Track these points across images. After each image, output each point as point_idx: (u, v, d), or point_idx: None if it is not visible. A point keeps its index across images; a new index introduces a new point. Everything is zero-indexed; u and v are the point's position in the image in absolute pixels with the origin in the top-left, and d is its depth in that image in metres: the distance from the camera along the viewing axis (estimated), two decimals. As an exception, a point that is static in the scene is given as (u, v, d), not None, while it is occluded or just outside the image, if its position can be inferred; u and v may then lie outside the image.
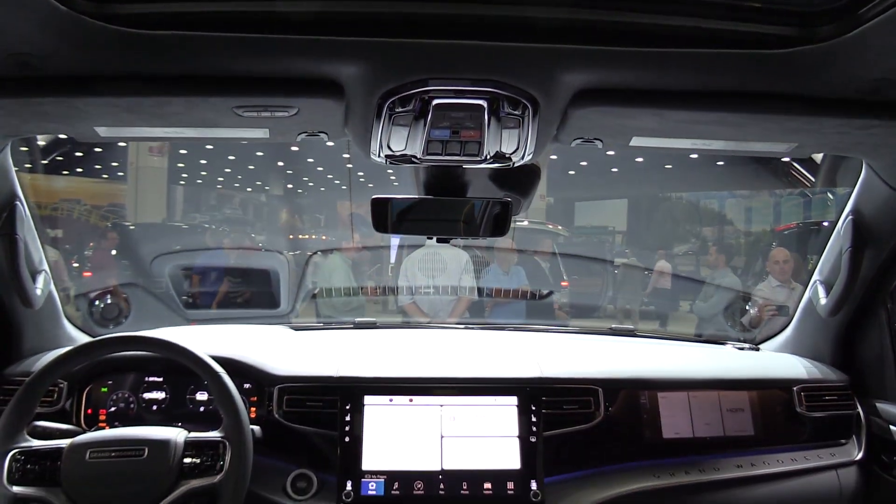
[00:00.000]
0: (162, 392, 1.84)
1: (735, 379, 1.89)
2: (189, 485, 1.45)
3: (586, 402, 1.76)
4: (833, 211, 1.99)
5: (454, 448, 1.65)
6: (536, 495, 1.62)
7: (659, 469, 1.77)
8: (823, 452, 1.87)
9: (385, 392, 1.70)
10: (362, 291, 4.20)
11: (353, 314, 2.48)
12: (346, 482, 1.61)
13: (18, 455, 1.47)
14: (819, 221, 8.90)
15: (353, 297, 4.12)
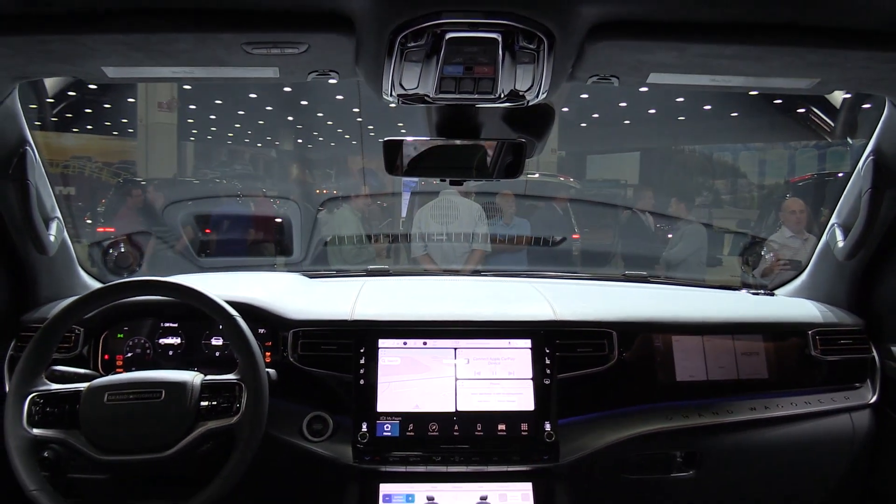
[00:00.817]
0: (177, 338, 1.85)
1: (749, 323, 1.88)
2: (206, 426, 1.47)
3: (600, 344, 1.76)
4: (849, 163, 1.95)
5: (468, 390, 1.66)
6: (550, 436, 1.63)
7: (672, 411, 1.77)
8: (837, 396, 1.87)
9: (399, 335, 1.70)
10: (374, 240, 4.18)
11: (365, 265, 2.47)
12: (362, 424, 1.63)
13: (37, 398, 1.48)
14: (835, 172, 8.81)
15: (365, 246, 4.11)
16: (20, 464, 1.43)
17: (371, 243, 4.16)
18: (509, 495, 1.64)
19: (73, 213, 2.05)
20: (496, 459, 1.62)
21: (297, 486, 1.82)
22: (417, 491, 1.63)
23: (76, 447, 1.45)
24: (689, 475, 1.81)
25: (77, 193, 9.72)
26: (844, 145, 6.86)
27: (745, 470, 1.84)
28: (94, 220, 7.73)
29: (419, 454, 1.61)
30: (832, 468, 1.88)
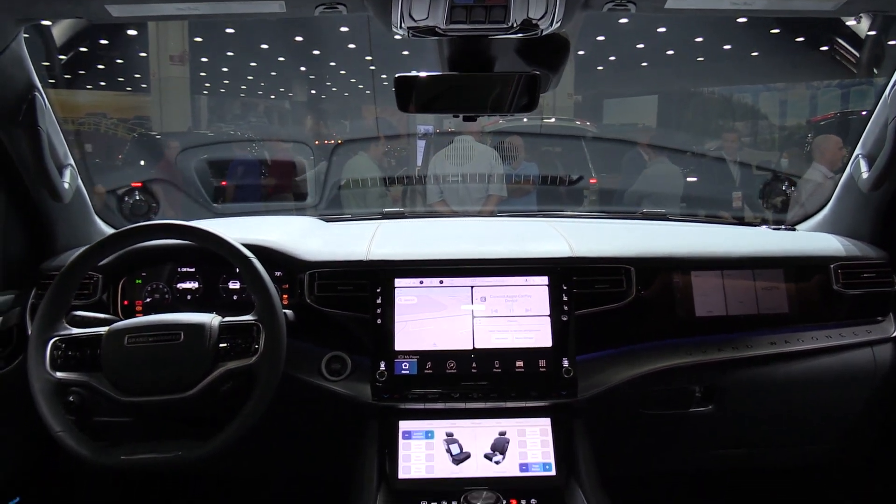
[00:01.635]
0: (195, 282, 1.86)
1: (770, 257, 1.86)
2: (225, 366, 1.48)
3: (618, 281, 1.74)
4: (873, 101, 1.90)
5: (485, 328, 1.66)
6: (568, 372, 1.63)
7: (691, 347, 1.76)
8: (859, 329, 1.85)
9: (415, 274, 1.70)
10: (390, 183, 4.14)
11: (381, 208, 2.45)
12: (380, 363, 1.63)
13: (59, 342, 1.50)
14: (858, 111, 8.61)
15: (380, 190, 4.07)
16: (45, 406, 1.46)
17: (386, 186, 4.12)
18: (528, 431, 1.65)
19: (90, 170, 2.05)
20: (514, 396, 1.63)
21: (318, 425, 1.84)
22: (436, 427, 1.65)
23: (99, 389, 1.47)
24: (707, 410, 1.81)
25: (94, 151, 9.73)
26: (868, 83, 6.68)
27: (764, 404, 1.84)
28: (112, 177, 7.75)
29: (437, 391, 1.62)
30: (853, 402, 1.87)
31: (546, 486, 1.59)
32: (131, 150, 7.91)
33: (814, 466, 2.11)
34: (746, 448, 1.95)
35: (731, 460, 1.98)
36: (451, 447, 1.62)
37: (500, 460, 1.61)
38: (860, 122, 1.97)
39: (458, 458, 1.61)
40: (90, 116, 11.23)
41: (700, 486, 2.21)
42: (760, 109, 15.39)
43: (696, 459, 1.96)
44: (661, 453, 1.94)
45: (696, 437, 1.89)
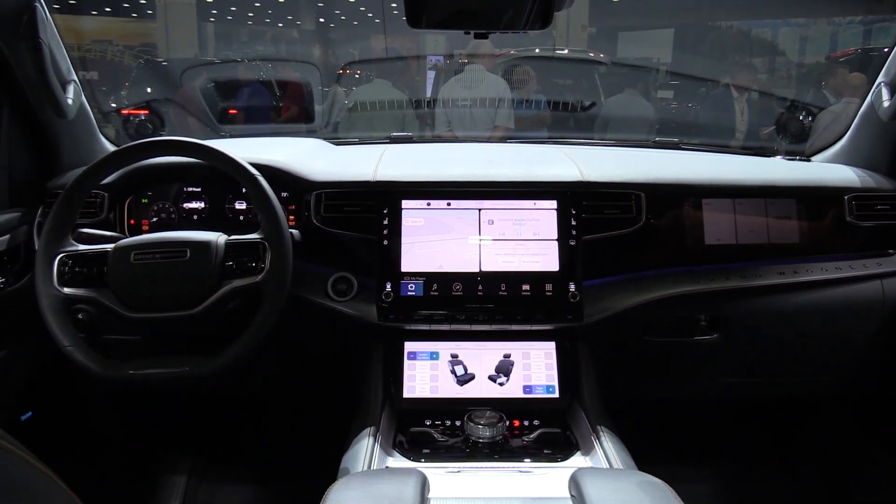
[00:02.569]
0: (201, 202, 1.85)
1: (783, 186, 1.82)
2: (232, 284, 1.48)
3: (627, 206, 1.72)
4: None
5: (492, 251, 1.65)
6: (574, 296, 1.62)
7: (699, 275, 1.75)
8: (869, 262, 1.83)
9: (422, 196, 1.68)
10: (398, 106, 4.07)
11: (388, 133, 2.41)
12: (386, 283, 1.63)
13: (66, 259, 1.50)
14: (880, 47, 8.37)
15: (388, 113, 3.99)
16: (54, 322, 1.47)
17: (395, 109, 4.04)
18: (532, 354, 1.65)
19: (98, 97, 2.02)
20: (520, 319, 1.63)
21: (323, 346, 1.86)
22: (442, 349, 1.66)
23: (107, 305, 1.48)
24: (712, 338, 1.81)
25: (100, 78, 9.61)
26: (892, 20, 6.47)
27: (769, 334, 1.84)
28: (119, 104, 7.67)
29: (443, 313, 1.62)
30: (859, 334, 1.86)
31: (549, 408, 1.61)
32: (138, 77, 7.80)
33: (817, 397, 2.12)
34: (750, 377, 1.96)
35: (735, 389, 1.99)
36: (456, 368, 1.63)
37: (504, 382, 1.62)
38: (881, 60, 1.92)
39: (463, 380, 1.62)
40: (96, 43, 11.05)
41: (703, 414, 2.23)
42: (779, 45, 15.01)
43: (700, 387, 1.98)
44: (664, 380, 1.95)
45: (700, 366, 1.90)
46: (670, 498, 1.10)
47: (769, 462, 2.28)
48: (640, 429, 1.63)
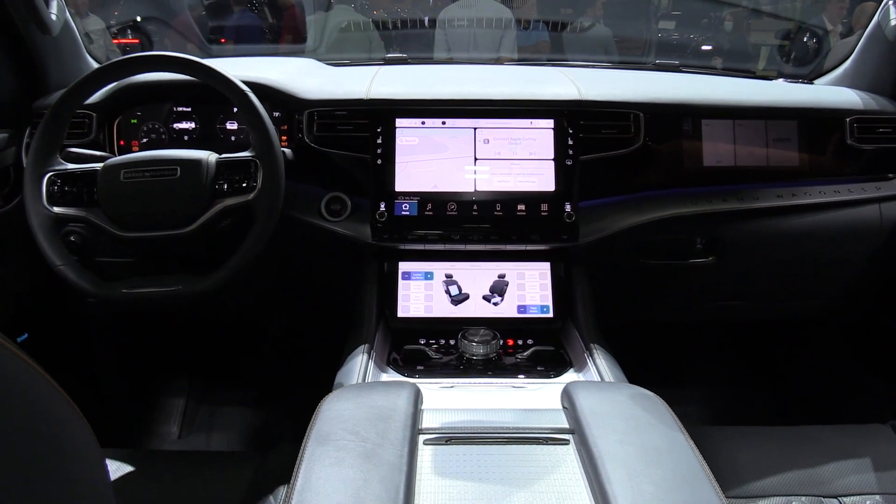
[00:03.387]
0: (192, 122, 1.82)
1: (785, 108, 1.79)
2: (223, 203, 1.46)
3: (626, 126, 1.69)
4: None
5: (488, 171, 1.62)
6: (570, 216, 1.61)
7: (696, 197, 1.73)
8: (868, 186, 1.81)
9: (417, 114, 1.65)
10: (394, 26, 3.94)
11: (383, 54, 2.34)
12: (380, 203, 1.61)
13: (54, 178, 1.48)
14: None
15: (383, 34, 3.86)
16: (45, 241, 1.45)
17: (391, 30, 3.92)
18: (527, 274, 1.65)
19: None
20: (515, 239, 1.62)
21: (317, 266, 1.85)
22: (436, 269, 1.65)
23: (97, 225, 1.46)
24: (708, 261, 1.81)
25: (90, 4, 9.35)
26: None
27: (765, 257, 1.83)
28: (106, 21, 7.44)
29: (438, 233, 1.61)
30: (855, 258, 1.86)
31: (543, 328, 1.61)
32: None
33: (812, 321, 2.14)
34: (745, 301, 1.96)
35: (729, 312, 2.00)
36: (450, 288, 1.63)
37: (499, 302, 1.62)
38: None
39: (457, 299, 1.62)
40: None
41: (695, 336, 2.25)
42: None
43: (694, 310, 1.99)
44: (659, 303, 1.96)
45: (696, 289, 1.90)
46: (662, 409, 1.11)
47: (758, 383, 2.31)
48: (632, 350, 1.64)
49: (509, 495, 0.94)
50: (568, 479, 0.98)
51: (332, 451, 0.96)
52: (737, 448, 1.42)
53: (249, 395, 2.33)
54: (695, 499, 0.88)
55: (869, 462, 1.39)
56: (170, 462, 1.54)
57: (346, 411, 1.07)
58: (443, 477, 0.98)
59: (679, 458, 0.97)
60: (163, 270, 1.56)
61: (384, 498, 0.86)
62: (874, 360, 2.11)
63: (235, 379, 2.41)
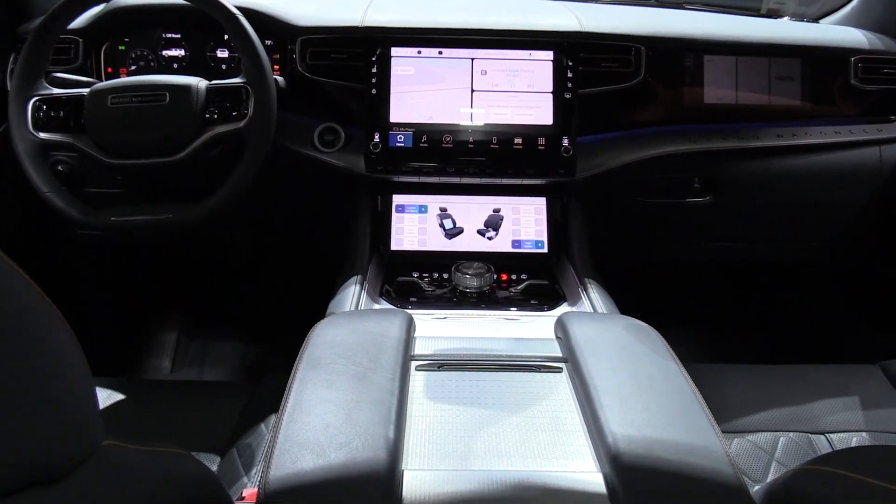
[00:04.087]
0: (181, 49, 1.77)
1: (788, 45, 1.75)
2: (214, 130, 1.44)
3: (626, 60, 1.65)
4: None
5: (485, 102, 1.59)
6: (568, 151, 1.58)
7: (695, 134, 1.71)
8: (870, 127, 1.79)
9: (413, 43, 1.60)
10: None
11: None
12: (374, 134, 1.58)
13: (39, 102, 1.45)
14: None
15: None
16: (31, 168, 1.43)
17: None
18: (522, 209, 1.63)
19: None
20: (511, 172, 1.59)
21: (310, 198, 1.83)
22: (430, 202, 1.63)
23: (85, 151, 1.44)
24: (705, 200, 1.79)
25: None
26: None
27: (763, 197, 1.82)
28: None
29: (433, 165, 1.58)
30: (853, 199, 1.85)
31: (537, 263, 1.60)
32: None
33: (808, 263, 2.13)
34: (741, 242, 1.95)
35: (723, 254, 1.99)
36: (445, 222, 1.61)
37: (493, 236, 1.61)
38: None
39: (451, 233, 1.61)
40: None
41: (691, 278, 2.26)
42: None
43: (690, 251, 1.98)
44: (655, 243, 1.95)
45: (692, 229, 1.89)
46: (655, 339, 1.11)
47: (751, 325, 2.33)
48: (626, 289, 1.63)
49: (501, 420, 0.94)
50: (560, 406, 0.98)
51: (324, 374, 0.95)
52: (727, 385, 1.43)
53: (242, 330, 2.33)
54: (687, 425, 0.88)
55: (857, 401, 1.40)
56: (162, 391, 1.55)
57: (338, 337, 1.06)
58: (435, 401, 0.98)
59: (672, 386, 0.97)
60: (153, 200, 1.54)
61: (376, 420, 0.86)
62: (866, 305, 2.12)
63: (228, 313, 2.40)
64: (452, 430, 0.92)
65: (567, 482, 0.82)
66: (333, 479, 0.77)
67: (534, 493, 0.80)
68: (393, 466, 0.79)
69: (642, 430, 0.86)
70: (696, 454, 0.83)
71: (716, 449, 0.84)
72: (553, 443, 0.90)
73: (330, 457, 0.79)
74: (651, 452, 0.82)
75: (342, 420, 0.85)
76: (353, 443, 0.81)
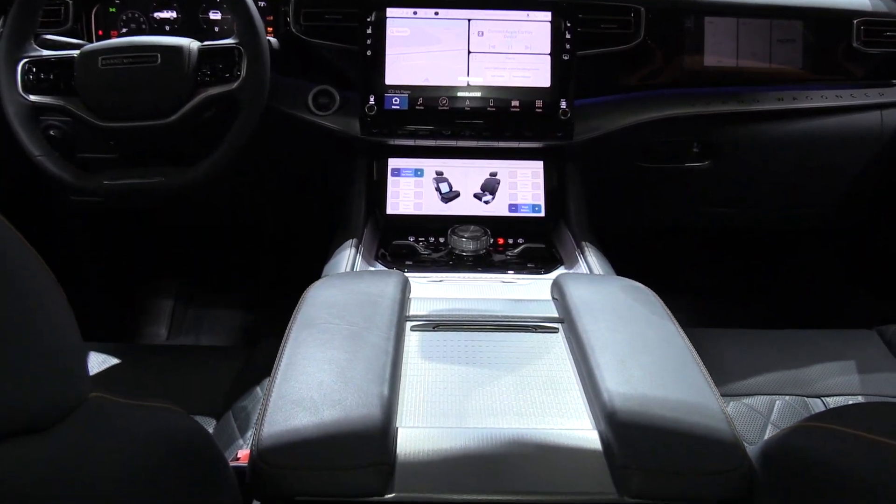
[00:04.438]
0: (173, 11, 1.74)
1: (791, 6, 1.72)
2: (207, 92, 1.42)
3: (626, 21, 1.62)
4: None
5: (482, 64, 1.57)
6: (565, 113, 1.56)
7: (695, 97, 1.69)
8: (871, 91, 1.77)
9: (408, 4, 1.57)
10: None
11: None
12: (369, 96, 1.56)
13: (29, 65, 1.42)
14: None
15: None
16: (22, 131, 1.41)
17: None
18: (519, 172, 1.62)
19: None
20: (508, 135, 1.57)
21: (305, 162, 1.82)
22: (426, 166, 1.61)
23: (77, 114, 1.42)
24: (703, 165, 1.78)
25: None
26: None
27: (762, 163, 1.80)
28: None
29: (429, 128, 1.56)
30: (853, 165, 1.83)
31: (534, 227, 1.59)
32: None
33: (806, 229, 2.12)
34: (739, 208, 1.94)
35: (721, 220, 1.98)
36: (441, 185, 1.60)
37: (490, 200, 1.60)
38: None
39: (447, 197, 1.59)
40: None
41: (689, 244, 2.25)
42: None
43: (688, 216, 1.97)
44: (652, 208, 1.94)
45: (690, 194, 1.88)
46: (653, 300, 1.10)
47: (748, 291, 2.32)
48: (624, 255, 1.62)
49: (496, 379, 0.94)
50: (556, 365, 0.98)
51: (318, 333, 0.95)
52: (724, 348, 1.43)
53: (238, 297, 2.32)
54: (684, 384, 0.88)
55: (854, 365, 1.40)
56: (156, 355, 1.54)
57: (332, 297, 1.05)
58: (430, 361, 0.97)
59: (669, 347, 0.96)
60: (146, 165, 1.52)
61: (370, 378, 0.85)
62: (864, 270, 2.11)
63: (224, 280, 2.39)
64: (447, 389, 0.91)
65: (562, 439, 0.81)
66: (327, 435, 0.76)
67: (529, 450, 0.80)
68: (387, 424, 0.79)
69: (639, 388, 0.85)
70: (692, 412, 0.82)
71: (712, 407, 0.84)
72: (548, 401, 0.90)
73: (323, 414, 0.79)
74: (647, 409, 0.81)
75: (336, 378, 0.85)
76: (347, 400, 0.81)
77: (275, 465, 0.74)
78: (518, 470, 0.77)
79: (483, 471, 0.76)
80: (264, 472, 0.74)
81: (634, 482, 0.74)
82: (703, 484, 0.75)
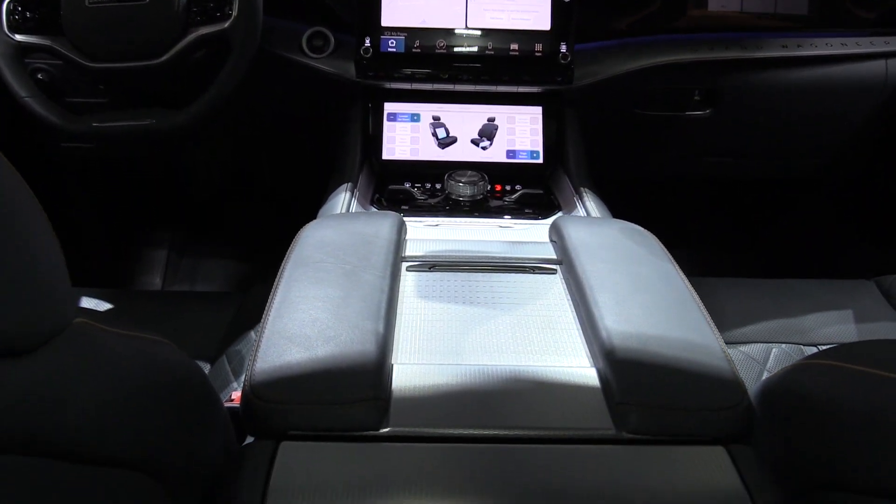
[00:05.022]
0: None
1: None
2: (197, 32, 1.38)
3: None
4: None
5: (480, 5, 1.52)
6: (566, 57, 1.53)
7: (698, 43, 1.65)
8: (877, 40, 1.73)
9: None
10: None
11: None
12: (365, 39, 1.52)
13: (14, 4, 1.38)
14: None
15: None
16: (8, 72, 1.38)
17: None
18: (517, 118, 1.59)
19: None
20: (507, 79, 1.54)
21: (299, 106, 1.78)
22: (423, 111, 1.58)
23: (64, 55, 1.38)
24: (704, 114, 1.75)
25: None
26: None
27: (764, 112, 1.78)
28: None
29: (426, 71, 1.53)
30: (856, 112, 1.80)
31: (532, 174, 1.57)
32: None
33: (807, 179, 2.10)
34: (741, 157, 1.92)
35: (721, 169, 1.96)
36: (438, 131, 1.57)
37: (488, 146, 1.57)
38: None
39: (444, 142, 1.57)
40: None
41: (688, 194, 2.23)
42: None
43: (688, 166, 1.94)
44: (652, 156, 1.91)
45: (690, 143, 1.85)
46: (652, 242, 1.09)
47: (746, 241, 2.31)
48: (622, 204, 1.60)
49: (493, 318, 0.92)
50: (554, 305, 0.97)
51: (312, 272, 0.93)
52: (721, 297, 1.42)
53: (233, 245, 2.31)
54: (683, 322, 0.87)
55: (851, 314, 1.40)
56: (150, 301, 1.53)
57: (327, 237, 1.03)
58: (425, 300, 0.96)
59: (669, 286, 0.95)
60: (136, 107, 1.49)
61: (365, 315, 0.84)
62: (863, 220, 2.10)
63: (218, 228, 2.37)
64: (443, 328, 0.90)
65: (560, 376, 0.81)
66: (321, 370, 0.75)
67: (525, 387, 0.79)
68: (382, 359, 0.78)
69: (638, 327, 0.84)
70: (691, 349, 0.81)
71: (711, 345, 0.83)
72: (546, 340, 0.89)
73: (317, 349, 0.78)
74: (646, 347, 0.81)
75: (330, 315, 0.83)
76: (342, 336, 0.80)
77: (268, 400, 0.73)
78: (514, 406, 0.76)
79: (479, 406, 0.76)
80: (257, 407, 0.73)
81: (632, 418, 0.74)
82: (701, 420, 0.74)
